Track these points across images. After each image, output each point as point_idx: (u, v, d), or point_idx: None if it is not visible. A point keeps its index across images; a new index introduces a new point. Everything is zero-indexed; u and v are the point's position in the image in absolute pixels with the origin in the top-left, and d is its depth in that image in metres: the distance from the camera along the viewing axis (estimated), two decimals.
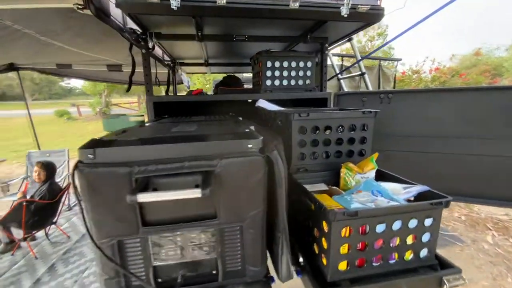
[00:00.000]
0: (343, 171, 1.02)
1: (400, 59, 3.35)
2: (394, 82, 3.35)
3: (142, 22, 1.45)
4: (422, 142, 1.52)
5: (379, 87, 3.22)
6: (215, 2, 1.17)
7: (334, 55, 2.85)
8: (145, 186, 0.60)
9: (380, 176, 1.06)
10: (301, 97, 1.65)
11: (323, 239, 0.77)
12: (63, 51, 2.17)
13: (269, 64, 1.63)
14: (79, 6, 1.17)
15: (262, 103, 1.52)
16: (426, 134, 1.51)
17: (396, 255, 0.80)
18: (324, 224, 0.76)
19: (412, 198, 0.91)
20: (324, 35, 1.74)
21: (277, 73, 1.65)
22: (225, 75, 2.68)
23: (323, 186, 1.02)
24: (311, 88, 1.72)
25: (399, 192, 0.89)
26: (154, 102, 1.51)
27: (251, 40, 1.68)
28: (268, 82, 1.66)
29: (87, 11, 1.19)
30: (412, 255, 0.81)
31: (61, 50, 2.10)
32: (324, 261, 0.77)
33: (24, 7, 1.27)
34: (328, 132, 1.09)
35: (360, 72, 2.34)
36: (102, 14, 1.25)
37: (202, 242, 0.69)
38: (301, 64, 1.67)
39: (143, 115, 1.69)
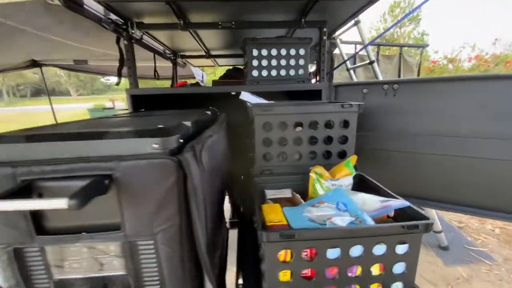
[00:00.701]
0: (312, 176, 0.85)
1: (427, 45, 2.88)
2: (418, 72, 2.91)
3: (119, 11, 1.39)
4: (433, 142, 1.26)
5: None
6: None
7: (344, 42, 2.56)
8: (29, 190, 0.52)
9: (362, 183, 0.88)
10: (291, 89, 1.47)
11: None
12: (67, 47, 2.22)
13: (255, 52, 1.47)
14: None
15: (245, 96, 1.38)
16: (439, 133, 1.25)
17: (358, 287, 0.63)
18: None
19: (391, 214, 0.72)
20: (322, 18, 1.53)
21: (264, 63, 1.49)
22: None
23: (288, 193, 0.87)
24: (304, 79, 1.53)
25: (373, 206, 0.71)
26: (131, 95, 1.45)
27: (238, 27, 1.54)
28: (255, 73, 1.50)
29: (57, 2, 1.16)
30: None
31: (64, 45, 2.16)
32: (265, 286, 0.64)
33: (4, 2, 1.28)
34: (299, 129, 0.92)
35: (368, 61, 2.05)
36: (73, 3, 1.20)
37: (110, 256, 0.59)
38: (292, 52, 1.49)
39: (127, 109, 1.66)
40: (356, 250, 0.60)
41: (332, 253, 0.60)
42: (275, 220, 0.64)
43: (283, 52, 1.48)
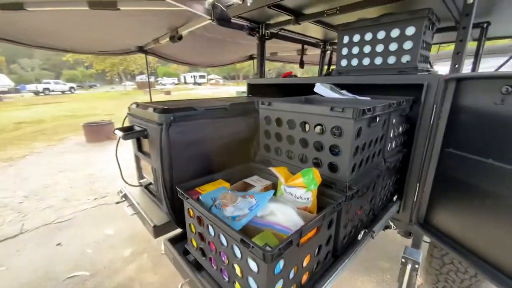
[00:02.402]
0: (277, 175, 0.83)
1: None
2: None
3: (251, 19, 1.83)
4: None
5: None
6: None
7: None
8: (131, 128, 1.15)
9: None
10: (378, 82, 1.15)
11: None
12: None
13: (345, 39, 1.30)
14: (208, 20, 1.82)
15: (319, 89, 1.34)
16: None
17: (227, 272, 0.68)
18: None
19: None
20: None
21: (355, 50, 1.28)
22: None
23: (262, 184, 0.92)
24: (407, 67, 1.12)
25: (272, 220, 0.65)
26: (248, 83, 1.91)
27: (343, 11, 1.41)
28: (343, 63, 1.34)
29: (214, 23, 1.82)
30: None
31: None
32: None
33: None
34: (292, 128, 0.89)
35: None
36: (223, 22, 1.81)
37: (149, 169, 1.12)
38: (394, 33, 1.13)
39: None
40: (223, 240, 0.65)
41: (211, 230, 0.70)
42: (202, 189, 0.82)
43: (381, 35, 1.18)
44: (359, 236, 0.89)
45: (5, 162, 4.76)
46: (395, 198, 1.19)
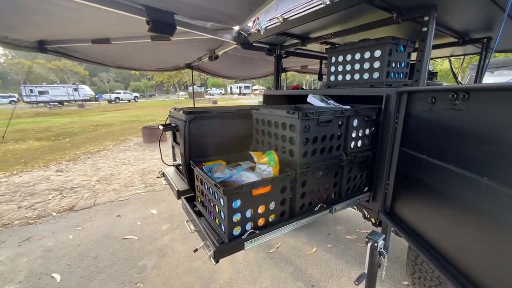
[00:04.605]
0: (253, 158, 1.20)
1: None
2: None
3: (268, 43, 2.26)
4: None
5: None
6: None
7: None
8: (169, 124, 1.66)
9: None
10: (353, 94, 1.42)
11: None
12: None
13: (333, 59, 1.61)
14: (235, 44, 2.31)
15: (311, 99, 1.67)
16: None
17: (212, 213, 1.08)
18: None
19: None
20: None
21: (340, 68, 1.57)
22: None
23: (248, 165, 1.30)
24: (376, 82, 1.38)
25: (240, 178, 1.03)
26: (263, 94, 2.31)
27: (336, 36, 1.72)
28: (332, 78, 1.64)
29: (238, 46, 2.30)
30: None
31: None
32: None
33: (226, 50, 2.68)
34: (270, 126, 1.25)
35: None
36: (246, 45, 2.28)
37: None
38: (366, 55, 1.41)
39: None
40: (211, 190, 1.05)
41: (206, 186, 1.10)
42: (206, 164, 1.23)
43: (357, 56, 1.46)
44: (316, 208, 1.19)
45: (85, 155, 6.04)
46: (365, 189, 1.42)
